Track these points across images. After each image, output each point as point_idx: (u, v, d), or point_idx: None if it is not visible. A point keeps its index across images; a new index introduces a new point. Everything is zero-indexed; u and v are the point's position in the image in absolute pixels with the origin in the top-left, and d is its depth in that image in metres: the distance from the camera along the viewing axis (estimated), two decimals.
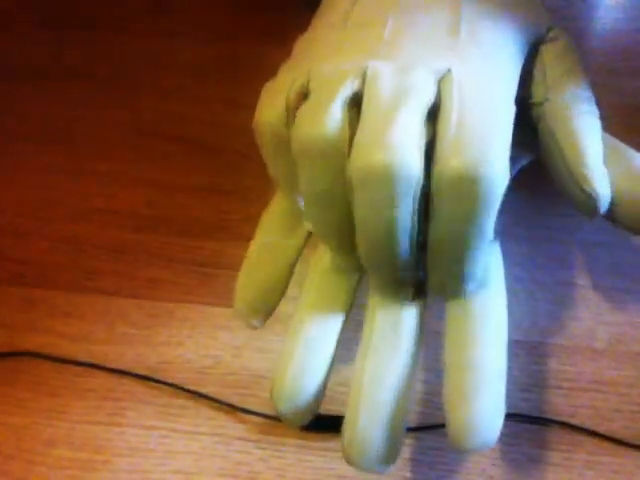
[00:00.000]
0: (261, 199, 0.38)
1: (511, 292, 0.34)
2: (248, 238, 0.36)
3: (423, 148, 0.24)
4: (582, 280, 0.34)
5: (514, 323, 0.33)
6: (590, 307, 0.34)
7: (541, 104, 0.28)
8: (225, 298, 0.35)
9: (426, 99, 0.24)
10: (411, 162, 0.23)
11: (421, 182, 0.23)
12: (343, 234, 0.26)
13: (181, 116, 0.41)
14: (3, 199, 0.38)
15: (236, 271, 0.36)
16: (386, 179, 0.23)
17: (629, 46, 0.42)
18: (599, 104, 0.29)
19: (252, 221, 0.37)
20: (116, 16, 0.45)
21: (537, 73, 0.29)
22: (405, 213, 0.24)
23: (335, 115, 0.24)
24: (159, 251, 0.36)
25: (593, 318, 0.34)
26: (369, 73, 0.25)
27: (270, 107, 0.27)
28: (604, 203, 0.26)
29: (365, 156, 0.23)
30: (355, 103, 0.25)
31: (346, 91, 0.24)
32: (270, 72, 0.42)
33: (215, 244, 0.36)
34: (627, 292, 0.34)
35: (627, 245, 0.35)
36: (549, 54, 0.30)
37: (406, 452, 0.31)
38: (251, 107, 0.41)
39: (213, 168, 0.39)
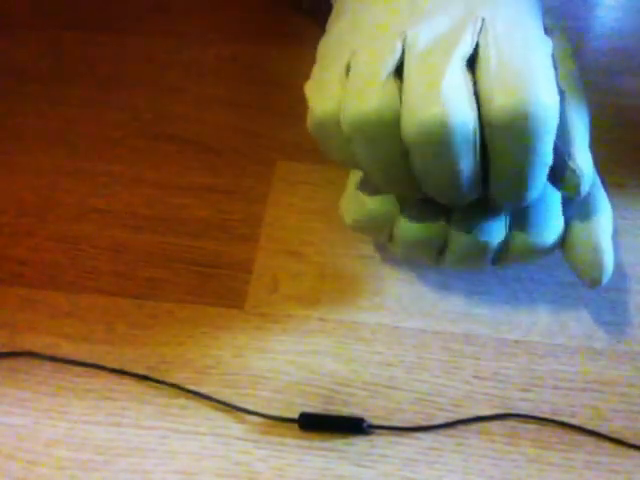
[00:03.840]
0: (261, 199, 0.38)
1: (511, 292, 0.34)
2: (248, 238, 0.37)
3: (472, 94, 0.24)
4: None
5: (514, 323, 0.34)
6: (590, 307, 0.34)
7: None
8: (225, 298, 0.35)
9: (464, 49, 0.25)
10: (464, 110, 0.24)
11: (477, 128, 0.24)
12: (412, 187, 0.27)
13: (181, 116, 0.41)
14: (3, 199, 0.38)
15: (236, 271, 0.36)
16: (443, 132, 0.23)
17: (629, 46, 0.42)
18: (599, 104, 0.29)
19: (252, 221, 0.37)
20: (116, 16, 0.45)
21: None
22: (467, 162, 0.25)
23: (384, 87, 0.24)
24: (159, 251, 0.36)
25: (593, 318, 0.34)
26: (409, 40, 0.25)
27: (327, 98, 0.27)
28: (587, 181, 0.27)
29: (418, 114, 0.24)
30: (399, 73, 0.25)
31: (389, 61, 0.25)
32: (270, 72, 0.42)
33: (215, 244, 0.36)
34: (627, 292, 0.34)
35: (626, 245, 0.35)
36: None
37: (406, 452, 0.31)
38: (251, 107, 0.41)
39: (213, 168, 0.39)
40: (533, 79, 0.24)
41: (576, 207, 0.30)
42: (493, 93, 0.24)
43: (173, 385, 0.32)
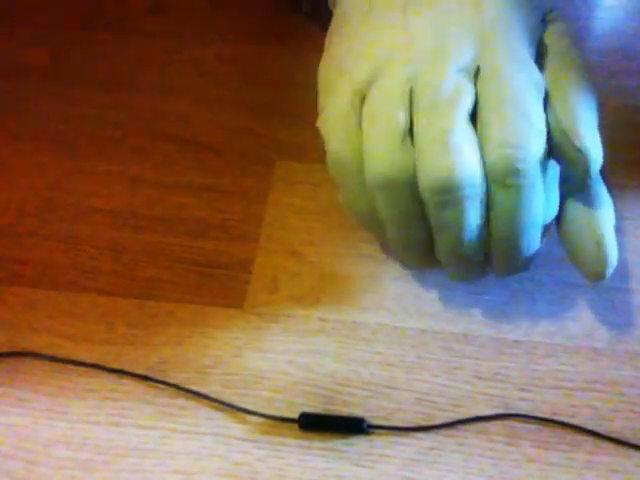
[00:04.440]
0: (261, 199, 0.38)
1: (511, 292, 0.34)
2: (248, 238, 0.37)
3: (477, 147, 0.26)
4: (582, 280, 0.34)
5: (514, 323, 0.34)
6: (590, 307, 0.34)
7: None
8: (225, 298, 0.35)
9: (468, 104, 0.27)
10: (472, 166, 0.26)
11: (483, 180, 0.26)
12: (424, 245, 0.29)
13: (181, 116, 0.41)
14: (3, 199, 0.38)
15: (236, 271, 0.36)
16: (454, 188, 0.26)
17: (629, 46, 0.42)
18: (599, 104, 0.29)
19: (252, 221, 0.37)
20: (116, 16, 0.45)
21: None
22: (475, 212, 0.27)
23: (402, 148, 0.27)
24: (159, 251, 0.36)
25: (593, 318, 0.34)
26: (415, 95, 0.27)
27: (345, 141, 0.28)
28: (595, 161, 0.28)
29: (432, 173, 0.26)
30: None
31: (403, 120, 0.27)
32: (270, 72, 0.42)
33: (215, 244, 0.36)
34: (627, 292, 0.34)
35: (626, 245, 0.35)
36: (548, 33, 0.30)
37: (406, 452, 0.31)
38: (251, 107, 0.41)
39: (213, 168, 0.39)
40: (525, 132, 0.26)
41: (577, 197, 0.29)
42: (489, 146, 0.26)
43: (173, 385, 0.32)
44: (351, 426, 0.31)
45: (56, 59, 0.43)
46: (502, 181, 0.26)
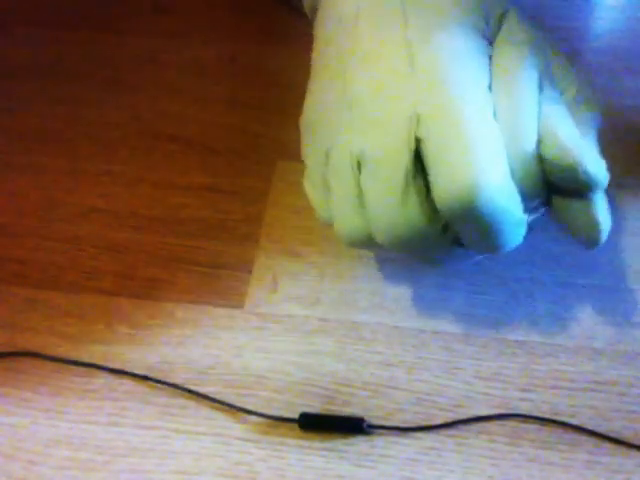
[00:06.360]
0: (261, 199, 0.38)
1: (511, 292, 0.34)
2: (248, 238, 0.37)
3: (424, 197, 0.27)
4: (582, 280, 0.34)
5: (514, 323, 0.34)
6: (590, 307, 0.34)
7: None
8: (225, 298, 0.35)
9: (409, 160, 0.27)
10: (419, 217, 0.27)
11: (432, 226, 0.27)
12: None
13: (181, 116, 0.41)
14: (3, 199, 0.38)
15: (236, 271, 0.36)
16: (403, 240, 0.28)
17: (629, 46, 0.42)
18: (599, 104, 0.29)
19: (252, 221, 0.37)
20: (116, 16, 0.45)
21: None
22: (430, 244, 0.29)
23: (358, 211, 0.28)
24: (159, 251, 0.36)
25: (593, 318, 0.34)
26: (360, 157, 0.28)
27: (324, 207, 0.30)
28: (604, 183, 0.27)
29: (382, 234, 0.28)
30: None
31: (356, 191, 0.28)
32: (270, 72, 0.42)
33: (215, 244, 0.36)
34: (627, 292, 0.34)
35: (626, 245, 0.35)
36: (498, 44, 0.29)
37: (406, 452, 0.31)
38: (251, 107, 0.41)
39: (213, 168, 0.39)
40: (473, 167, 0.25)
41: None
42: (436, 189, 0.26)
43: (173, 385, 0.32)
44: (351, 426, 0.31)
45: (56, 59, 0.43)
46: (460, 220, 0.26)
